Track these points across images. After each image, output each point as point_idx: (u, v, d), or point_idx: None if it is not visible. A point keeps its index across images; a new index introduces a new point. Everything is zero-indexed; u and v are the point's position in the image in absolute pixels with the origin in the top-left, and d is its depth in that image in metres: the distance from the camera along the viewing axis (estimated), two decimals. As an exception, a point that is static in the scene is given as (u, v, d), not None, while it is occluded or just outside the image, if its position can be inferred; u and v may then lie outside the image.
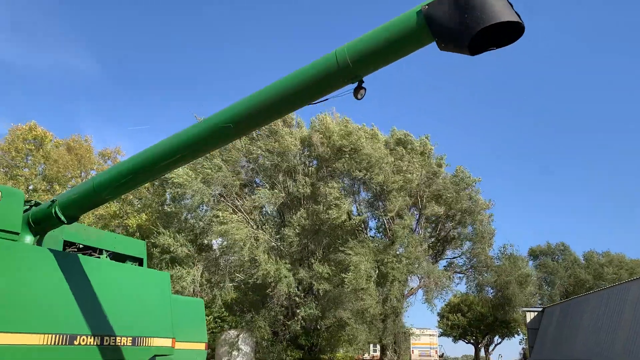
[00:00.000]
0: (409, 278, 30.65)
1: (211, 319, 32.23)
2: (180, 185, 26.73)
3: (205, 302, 25.91)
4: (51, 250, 6.78)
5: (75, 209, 6.57)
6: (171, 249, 26.99)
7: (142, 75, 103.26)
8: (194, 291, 26.61)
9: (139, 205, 33.48)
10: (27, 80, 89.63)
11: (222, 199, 28.25)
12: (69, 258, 6.93)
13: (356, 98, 4.72)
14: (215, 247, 30.17)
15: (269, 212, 30.45)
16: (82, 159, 35.59)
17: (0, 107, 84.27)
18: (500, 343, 68.43)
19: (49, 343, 6.22)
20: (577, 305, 33.28)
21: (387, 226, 29.13)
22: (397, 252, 27.54)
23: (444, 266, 33.54)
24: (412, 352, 43.56)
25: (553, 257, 60.76)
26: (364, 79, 4.62)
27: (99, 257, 7.81)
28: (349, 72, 4.51)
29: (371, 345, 43.29)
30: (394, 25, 4.28)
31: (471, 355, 72.54)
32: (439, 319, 69.43)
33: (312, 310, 27.00)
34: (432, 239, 31.89)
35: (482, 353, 71.44)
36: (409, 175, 28.20)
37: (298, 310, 27.35)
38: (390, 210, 27.81)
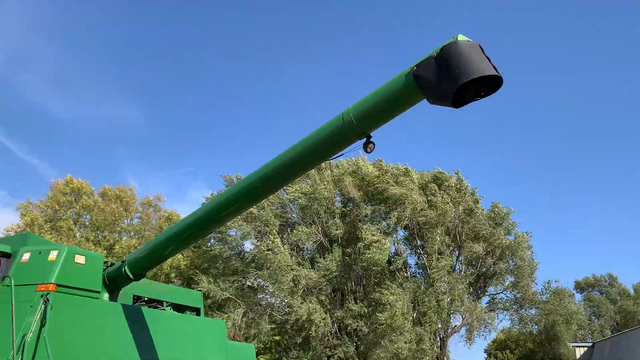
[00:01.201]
0: (451, 316, 30.43)
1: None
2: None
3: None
4: (124, 305, 7.67)
5: (140, 267, 7.41)
6: (211, 295, 27.52)
7: (183, 120, 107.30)
8: (233, 335, 27.06)
9: None
10: (68, 130, 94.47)
11: (263, 236, 28.98)
12: (139, 311, 7.78)
13: (365, 152, 5.31)
14: (255, 284, 30.81)
15: (308, 251, 31.01)
16: (128, 206, 37.29)
17: (49, 158, 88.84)
18: (551, 381, 65.81)
19: (125, 389, 7.03)
20: (629, 339, 32.13)
21: (427, 264, 29.24)
22: (437, 292, 27.53)
23: (487, 302, 33.16)
24: (459, 392, 42.46)
25: (600, 289, 58.77)
26: (372, 134, 5.19)
27: (163, 309, 8.63)
28: (355, 128, 5.10)
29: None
30: (389, 85, 4.89)
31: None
32: (486, 357, 67.54)
33: (349, 349, 27.12)
34: (473, 276, 31.71)
35: (533, 392, 68.62)
36: (444, 207, 28.25)
37: (335, 351, 27.50)
38: (431, 252, 27.97)
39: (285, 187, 30.04)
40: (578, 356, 37.63)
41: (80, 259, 7.03)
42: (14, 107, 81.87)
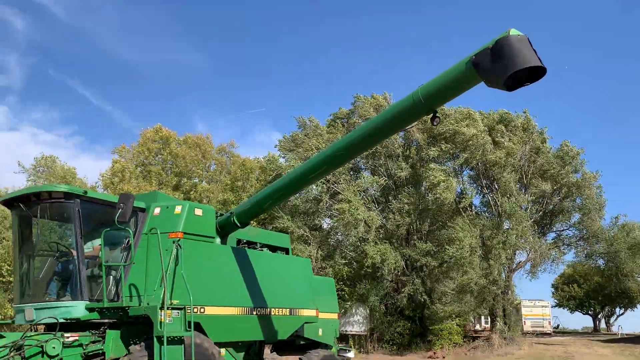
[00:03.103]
0: (517, 252, 31.08)
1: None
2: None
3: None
4: (233, 247, 9.40)
5: (246, 217, 9.06)
6: (289, 231, 29.47)
7: (247, 63, 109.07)
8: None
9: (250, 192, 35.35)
10: (138, 77, 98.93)
11: (329, 184, 30.23)
12: (244, 252, 9.50)
13: (433, 124, 6.50)
14: (325, 226, 32.56)
15: (373, 195, 32.04)
16: (206, 153, 39.84)
17: (122, 105, 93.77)
18: (622, 314, 65.35)
19: (238, 313, 8.86)
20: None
21: (493, 202, 29.70)
22: (505, 228, 28.14)
23: (553, 238, 33.43)
24: (524, 324, 43.59)
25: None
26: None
27: (261, 250, 10.33)
28: (423, 106, 6.24)
29: (482, 317, 43.97)
30: (452, 71, 5.92)
31: (591, 327, 69.90)
32: (553, 291, 67.79)
33: (417, 287, 28.59)
34: (540, 213, 31.93)
35: (603, 324, 68.56)
36: (511, 148, 28.32)
37: (404, 288, 28.98)
38: (503, 191, 28.29)
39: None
40: (647, 290, 37.51)
41: (198, 212, 8.72)
42: (87, 56, 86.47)
